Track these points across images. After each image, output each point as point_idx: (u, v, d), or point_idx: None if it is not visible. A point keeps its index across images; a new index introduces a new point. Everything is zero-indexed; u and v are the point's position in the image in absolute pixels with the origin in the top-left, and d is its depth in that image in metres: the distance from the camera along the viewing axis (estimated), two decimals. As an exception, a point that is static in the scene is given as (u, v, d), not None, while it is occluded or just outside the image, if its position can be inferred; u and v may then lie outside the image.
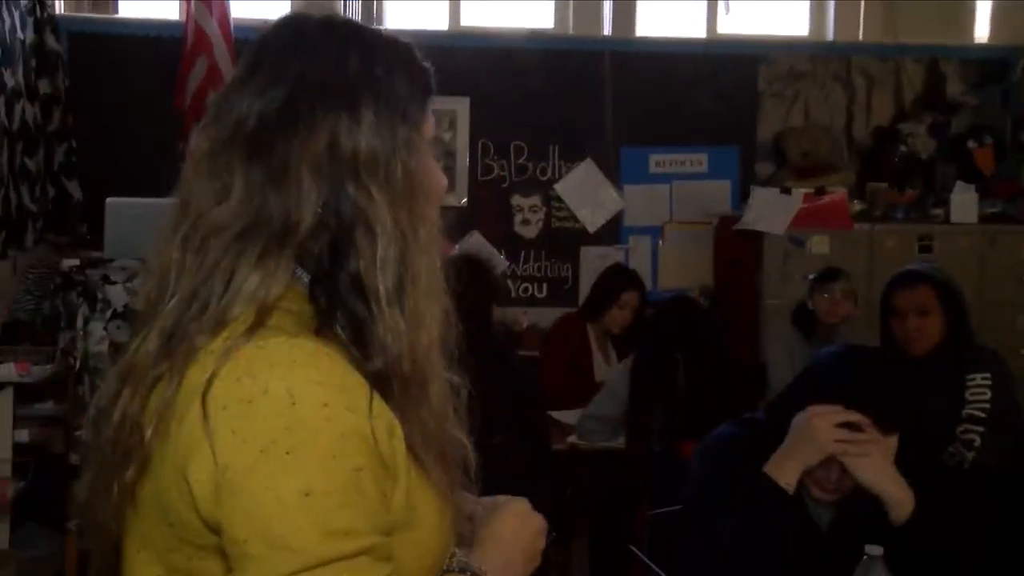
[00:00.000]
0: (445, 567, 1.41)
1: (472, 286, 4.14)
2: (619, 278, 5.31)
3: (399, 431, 1.28)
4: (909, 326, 3.82)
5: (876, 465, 2.35)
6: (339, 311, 1.29)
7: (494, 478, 1.63)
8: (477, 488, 1.49)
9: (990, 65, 6.46)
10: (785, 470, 2.36)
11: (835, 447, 2.31)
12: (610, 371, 4.92)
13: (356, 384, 1.26)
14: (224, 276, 1.28)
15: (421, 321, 1.34)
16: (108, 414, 1.31)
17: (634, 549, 2.49)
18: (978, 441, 3.78)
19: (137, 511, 1.29)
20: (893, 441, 2.38)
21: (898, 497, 2.35)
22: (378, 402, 1.26)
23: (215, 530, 1.21)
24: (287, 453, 1.18)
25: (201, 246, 1.30)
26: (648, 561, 2.40)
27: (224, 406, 1.20)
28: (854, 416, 2.35)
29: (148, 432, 1.25)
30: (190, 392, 1.22)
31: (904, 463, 2.41)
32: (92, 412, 1.36)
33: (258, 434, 1.18)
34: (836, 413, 2.34)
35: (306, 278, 1.31)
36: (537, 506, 1.63)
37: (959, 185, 5.84)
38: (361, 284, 1.29)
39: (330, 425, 1.21)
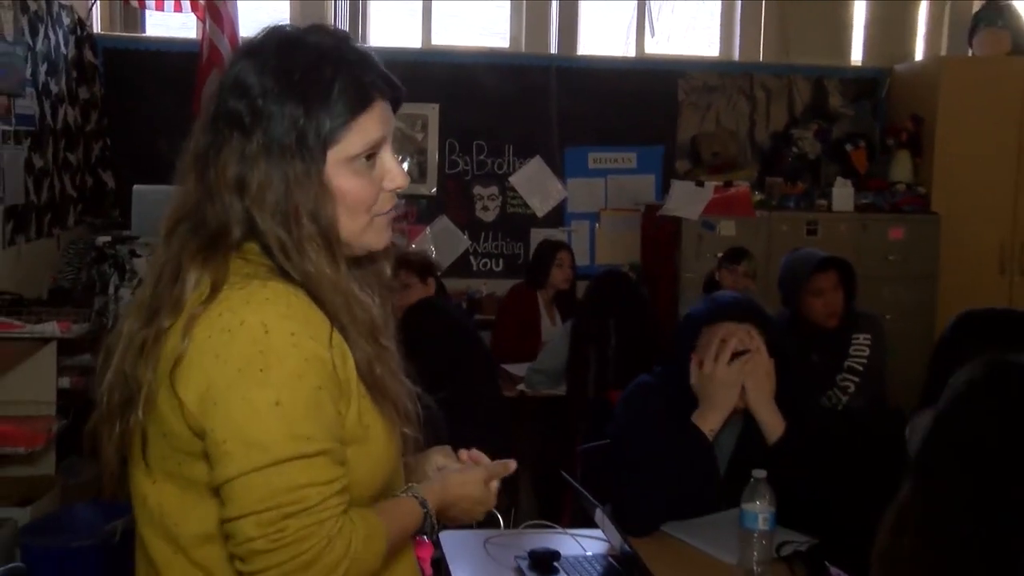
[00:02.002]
0: (399, 492, 1.44)
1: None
2: (551, 245, 5.41)
3: (351, 360, 1.31)
4: (828, 302, 3.86)
5: (758, 395, 2.43)
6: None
7: (452, 427, 1.65)
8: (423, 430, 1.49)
9: (864, 83, 6.51)
10: (709, 420, 2.43)
11: (741, 376, 2.40)
12: (555, 331, 4.95)
13: (319, 320, 1.28)
14: (173, 268, 1.30)
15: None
16: (106, 368, 1.35)
17: (565, 475, 2.50)
18: (852, 388, 3.85)
19: (137, 432, 1.32)
20: (770, 367, 2.42)
21: (771, 422, 2.42)
22: (336, 335, 1.29)
23: (201, 436, 1.24)
24: (260, 371, 1.21)
25: (168, 236, 1.35)
26: (578, 485, 2.42)
27: (209, 336, 1.23)
28: (733, 341, 2.40)
29: (148, 377, 1.28)
30: (171, 352, 1.26)
31: (792, 401, 2.47)
32: (99, 365, 1.37)
33: (237, 356, 1.21)
34: (722, 353, 2.40)
35: None
36: (491, 447, 1.66)
37: (839, 180, 5.89)
38: (287, 274, 1.31)
39: (296, 350, 1.23)
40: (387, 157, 1.38)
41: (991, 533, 1.16)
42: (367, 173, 1.36)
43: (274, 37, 1.36)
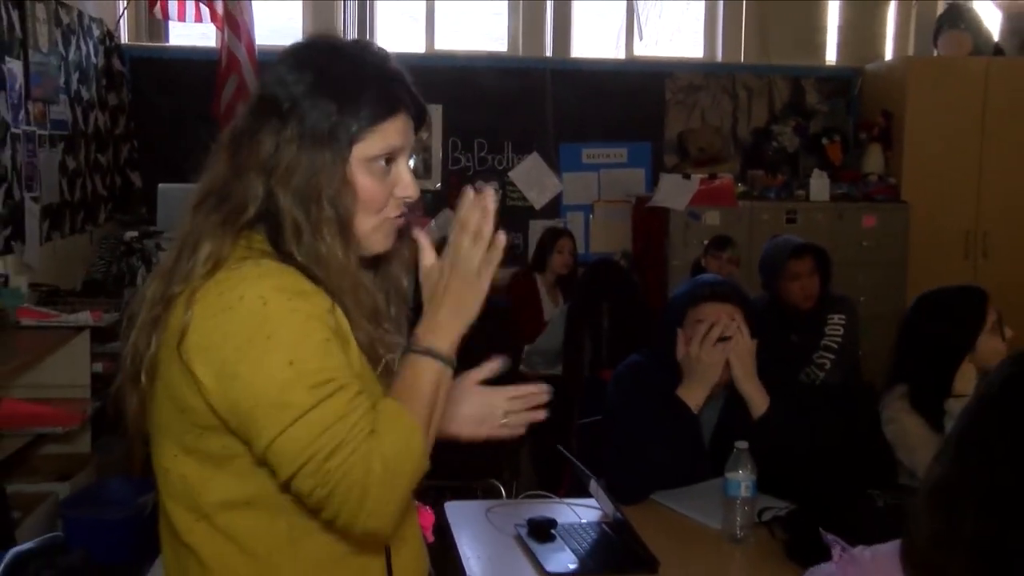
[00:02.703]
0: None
1: None
2: (553, 232, 5.37)
3: (346, 323, 1.31)
4: (804, 286, 3.85)
5: (743, 373, 2.43)
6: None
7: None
8: None
9: (838, 82, 6.50)
10: (694, 395, 2.43)
11: (724, 356, 2.39)
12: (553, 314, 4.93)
13: (313, 290, 1.28)
14: (195, 239, 1.31)
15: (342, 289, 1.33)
16: (126, 339, 1.35)
17: (562, 449, 2.51)
18: (828, 365, 3.85)
19: (155, 406, 1.33)
20: (751, 346, 2.43)
21: (756, 398, 2.42)
22: (335, 307, 1.30)
23: (221, 414, 1.24)
24: (267, 338, 1.21)
25: (195, 208, 1.35)
26: (573, 459, 2.43)
27: (212, 315, 1.23)
28: (717, 329, 2.40)
29: (153, 351, 1.29)
30: (176, 323, 1.26)
31: (771, 378, 2.47)
32: (121, 340, 1.38)
33: (242, 329, 1.21)
34: (707, 337, 2.40)
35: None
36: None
37: (815, 172, 5.89)
38: (294, 258, 1.31)
39: (296, 314, 1.24)
40: (403, 167, 1.39)
41: (992, 528, 1.12)
42: (383, 177, 1.37)
43: (321, 42, 1.40)
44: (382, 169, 1.36)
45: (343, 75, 1.34)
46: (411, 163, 1.41)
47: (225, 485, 1.29)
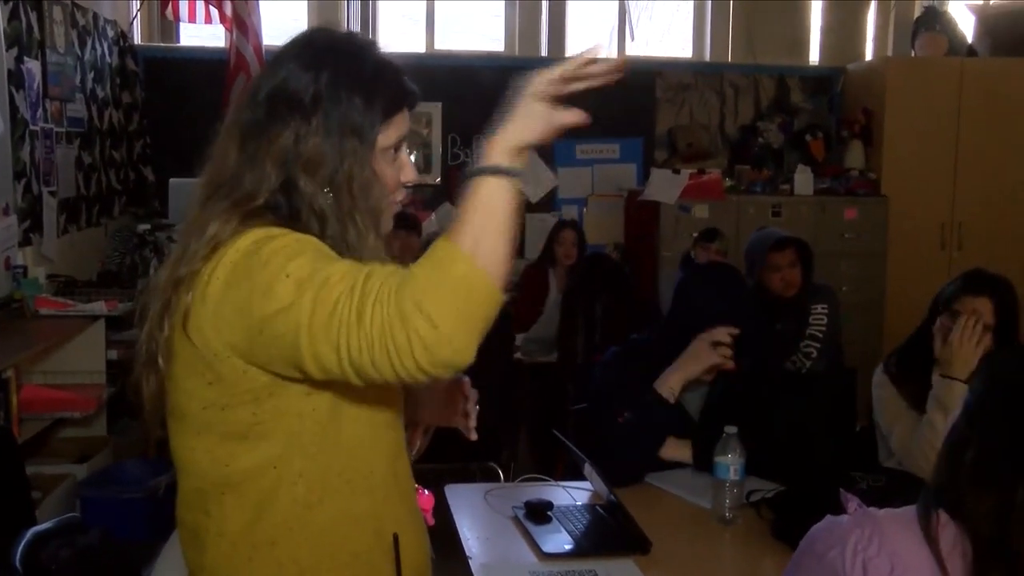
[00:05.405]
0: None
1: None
2: (556, 224, 5.23)
3: None
4: (785, 277, 3.83)
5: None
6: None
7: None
8: None
9: (821, 81, 6.48)
10: (670, 383, 2.38)
11: (715, 359, 2.36)
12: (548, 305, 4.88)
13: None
14: (201, 225, 1.28)
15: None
16: (142, 326, 1.33)
17: (557, 433, 2.49)
18: (814, 353, 3.84)
19: (174, 387, 1.31)
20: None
21: None
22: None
23: (263, 364, 1.22)
24: (264, 266, 1.18)
25: (206, 200, 1.32)
26: (568, 443, 2.41)
27: (219, 278, 1.22)
28: (723, 335, 2.36)
29: (167, 334, 1.27)
30: (182, 304, 1.25)
31: (760, 367, 2.45)
32: (137, 328, 1.36)
33: (244, 272, 1.20)
34: (713, 335, 2.36)
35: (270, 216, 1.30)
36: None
37: (800, 167, 5.87)
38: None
39: (285, 238, 1.22)
40: (405, 154, 1.41)
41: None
42: (392, 164, 1.38)
43: (333, 36, 1.38)
44: (392, 156, 1.37)
45: (363, 69, 1.33)
46: (414, 157, 1.41)
47: (253, 449, 1.28)
